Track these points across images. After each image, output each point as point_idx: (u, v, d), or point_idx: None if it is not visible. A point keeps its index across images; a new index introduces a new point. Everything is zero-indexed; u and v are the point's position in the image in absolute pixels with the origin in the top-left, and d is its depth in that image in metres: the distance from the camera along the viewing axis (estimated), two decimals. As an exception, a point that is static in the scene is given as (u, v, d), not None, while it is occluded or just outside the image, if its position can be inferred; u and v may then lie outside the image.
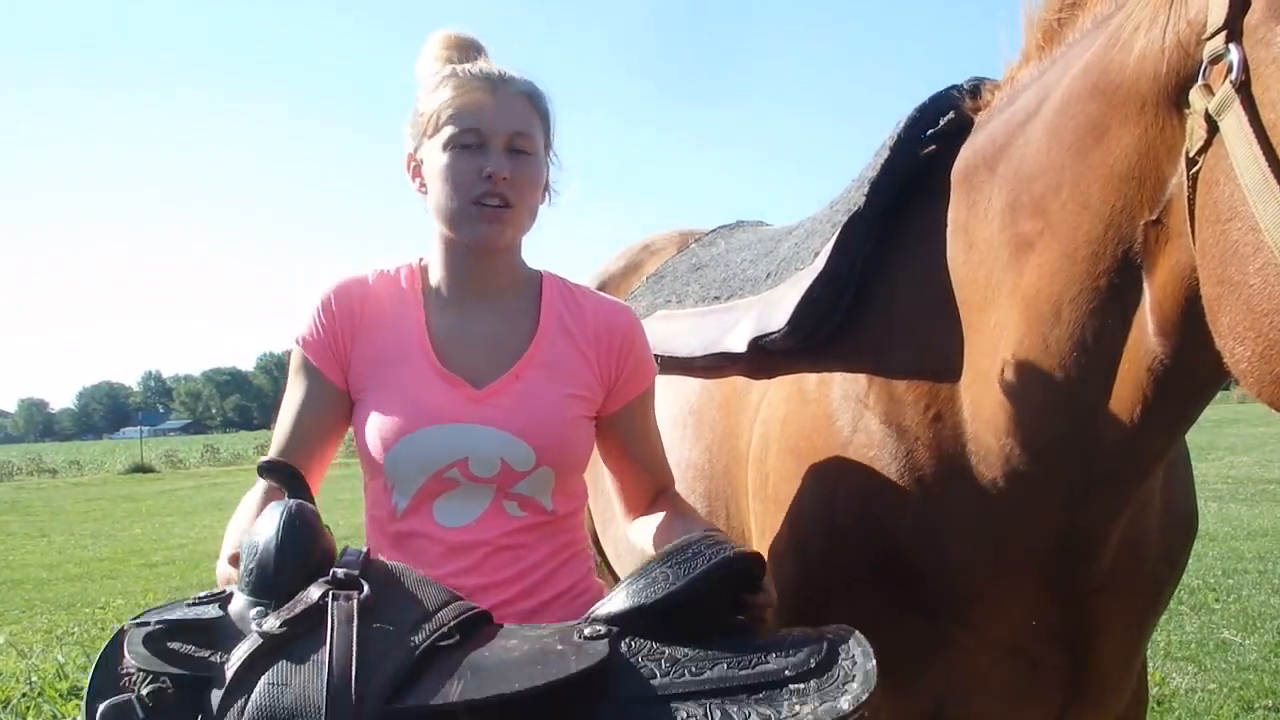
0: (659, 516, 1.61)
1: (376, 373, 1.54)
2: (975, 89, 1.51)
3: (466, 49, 1.59)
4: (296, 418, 1.56)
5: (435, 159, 1.50)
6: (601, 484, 2.23)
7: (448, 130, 1.48)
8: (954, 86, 1.54)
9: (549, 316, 1.60)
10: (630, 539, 1.73)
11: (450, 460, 1.50)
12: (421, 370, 1.53)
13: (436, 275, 1.61)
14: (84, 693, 1.16)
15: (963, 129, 1.49)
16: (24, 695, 4.55)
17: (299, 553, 1.17)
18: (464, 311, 1.58)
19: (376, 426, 1.51)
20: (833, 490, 1.46)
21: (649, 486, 1.69)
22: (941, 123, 1.53)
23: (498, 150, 1.49)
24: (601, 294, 1.70)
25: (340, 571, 1.15)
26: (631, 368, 1.62)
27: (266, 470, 1.35)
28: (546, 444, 1.52)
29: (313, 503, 1.35)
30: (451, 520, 1.52)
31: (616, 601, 1.17)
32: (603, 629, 1.14)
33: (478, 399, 1.52)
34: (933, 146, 1.54)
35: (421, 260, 1.64)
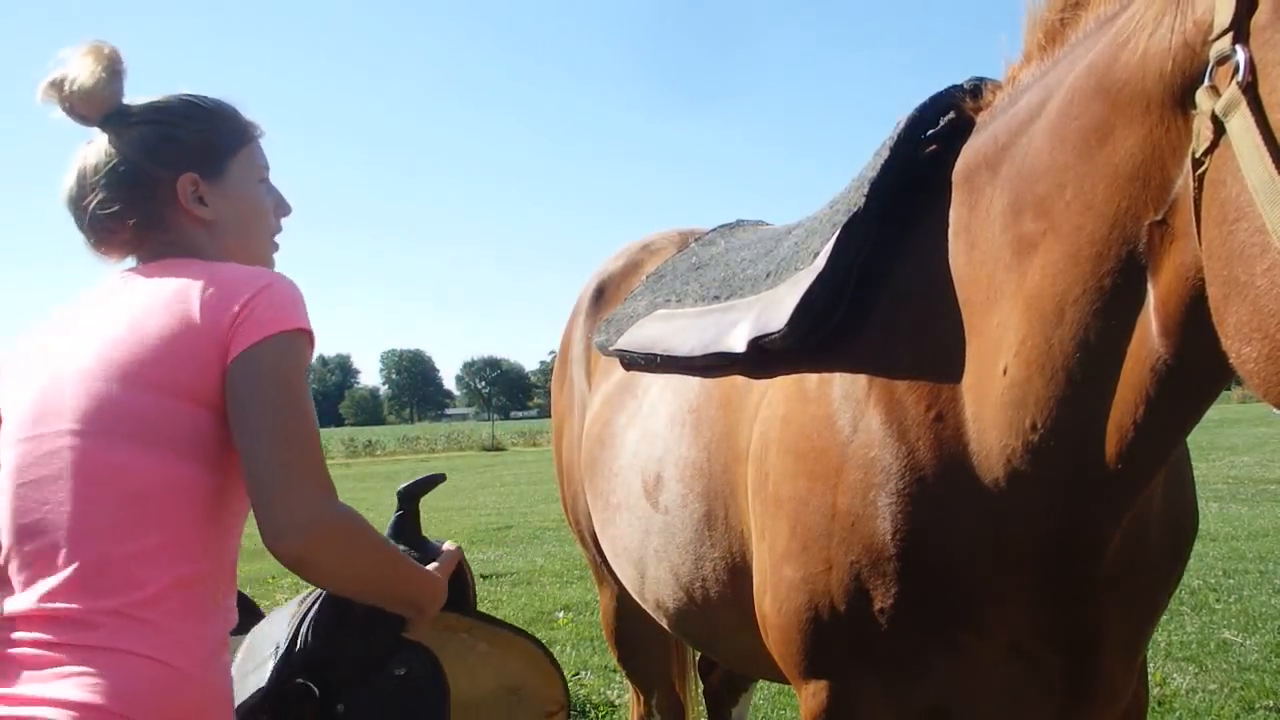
0: None
1: None
2: (976, 89, 1.51)
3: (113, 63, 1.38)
4: None
5: (240, 189, 1.43)
6: (598, 485, 2.23)
7: (252, 163, 1.46)
8: (954, 86, 1.54)
9: None
10: None
11: None
12: None
13: None
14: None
15: (963, 129, 1.48)
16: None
17: None
18: None
19: None
20: (833, 490, 1.45)
21: None
22: (942, 123, 1.52)
23: (274, 188, 1.51)
24: None
25: None
26: None
27: None
28: None
29: None
30: None
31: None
32: None
33: None
34: (933, 147, 1.54)
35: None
